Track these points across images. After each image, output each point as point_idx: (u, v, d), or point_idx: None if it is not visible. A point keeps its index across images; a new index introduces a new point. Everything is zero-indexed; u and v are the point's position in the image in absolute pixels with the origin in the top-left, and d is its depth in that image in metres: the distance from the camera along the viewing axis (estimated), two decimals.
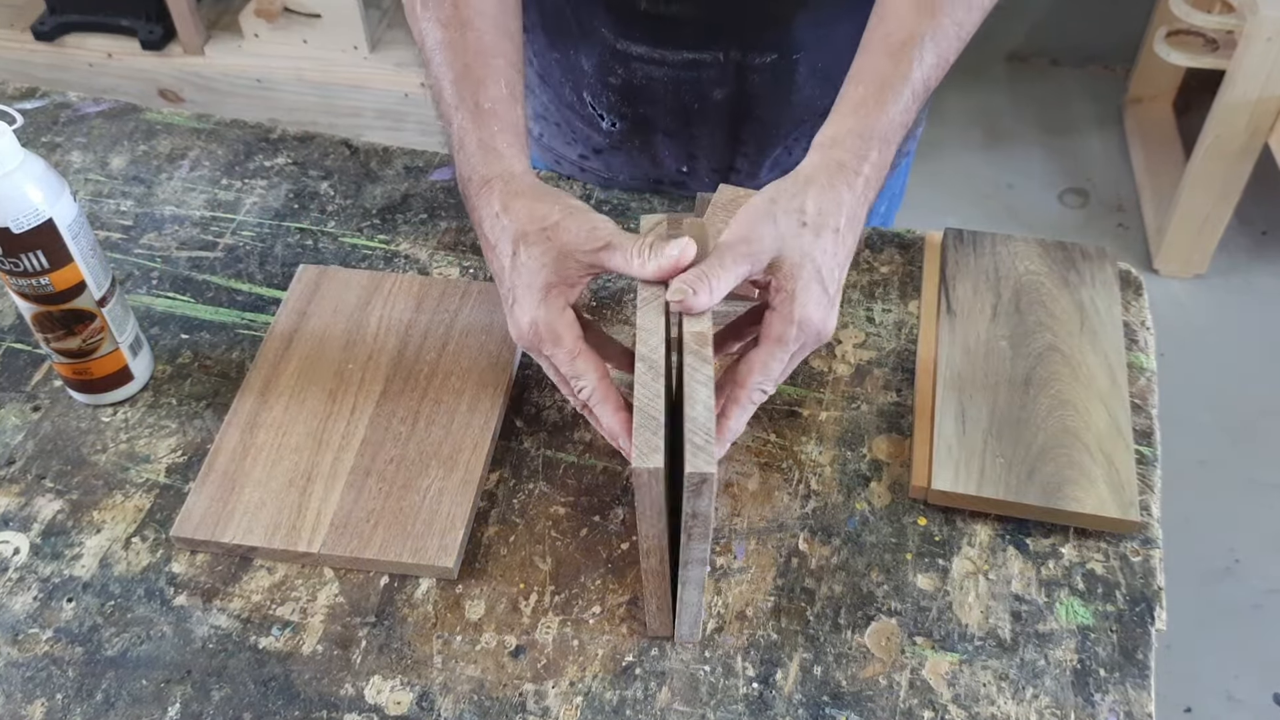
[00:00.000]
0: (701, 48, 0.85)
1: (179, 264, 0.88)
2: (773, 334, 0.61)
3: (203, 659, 0.65)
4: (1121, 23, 2.46)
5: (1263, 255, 2.18)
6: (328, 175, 0.96)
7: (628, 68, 0.88)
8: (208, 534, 0.69)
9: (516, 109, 0.70)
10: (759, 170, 0.96)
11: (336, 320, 0.81)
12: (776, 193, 0.63)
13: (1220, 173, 1.94)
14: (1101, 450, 0.72)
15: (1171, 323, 2.03)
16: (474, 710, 0.63)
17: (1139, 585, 0.69)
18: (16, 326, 0.84)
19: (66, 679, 0.65)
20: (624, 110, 0.92)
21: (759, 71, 0.87)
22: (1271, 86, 1.81)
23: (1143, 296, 0.86)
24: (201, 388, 0.79)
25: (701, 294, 0.59)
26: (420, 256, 0.88)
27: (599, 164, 0.99)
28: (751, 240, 0.61)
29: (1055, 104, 2.50)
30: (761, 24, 0.84)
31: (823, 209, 0.62)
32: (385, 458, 0.73)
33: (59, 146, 0.98)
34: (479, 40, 0.70)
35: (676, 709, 0.63)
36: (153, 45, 2.07)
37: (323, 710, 0.63)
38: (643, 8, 0.83)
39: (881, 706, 0.63)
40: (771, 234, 0.61)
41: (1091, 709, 0.63)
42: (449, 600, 0.68)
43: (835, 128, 0.67)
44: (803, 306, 0.61)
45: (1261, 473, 1.81)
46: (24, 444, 0.76)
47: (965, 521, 0.71)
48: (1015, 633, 0.66)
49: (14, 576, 0.69)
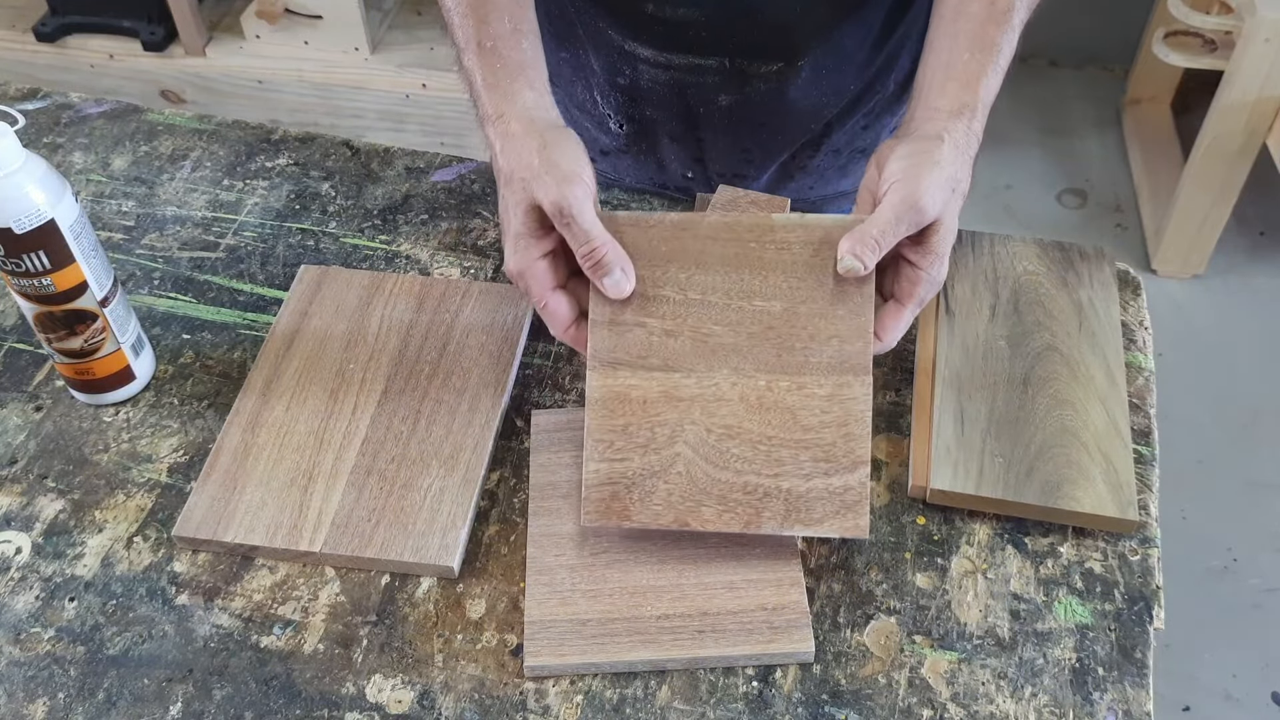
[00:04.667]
0: (706, 53, 0.86)
1: (181, 264, 0.88)
2: (917, 295, 0.66)
3: (204, 658, 0.66)
4: (1120, 24, 2.46)
5: (1261, 256, 2.18)
6: (329, 176, 0.96)
7: (635, 69, 0.88)
8: (209, 533, 0.69)
9: (521, 44, 0.72)
10: (765, 175, 0.96)
11: (338, 320, 0.82)
12: (931, 156, 0.65)
13: (1218, 173, 1.94)
14: (1100, 450, 0.72)
15: (1170, 323, 2.03)
16: (475, 709, 0.63)
17: (1137, 584, 0.69)
18: (18, 327, 0.84)
19: (68, 678, 0.65)
20: (631, 112, 0.93)
21: (764, 78, 0.87)
22: (1269, 87, 1.81)
23: (1141, 297, 0.86)
24: (203, 388, 0.80)
25: (871, 262, 0.65)
26: (421, 257, 0.89)
27: (606, 166, 0.99)
28: (920, 209, 0.64)
29: (1054, 105, 2.51)
30: (766, 30, 0.84)
31: (962, 176, 0.67)
32: (386, 457, 0.73)
33: (61, 147, 0.99)
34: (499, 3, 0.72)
35: (676, 708, 0.63)
36: (154, 46, 2.08)
37: (324, 709, 0.63)
38: (649, 11, 0.83)
39: (881, 705, 0.63)
40: (934, 200, 0.64)
41: (1090, 708, 0.63)
42: (450, 599, 0.68)
43: (955, 95, 0.69)
44: (944, 269, 0.66)
45: (1259, 472, 1.82)
46: (26, 444, 0.76)
47: (964, 521, 0.72)
48: (1014, 632, 0.67)
49: (16, 576, 0.69)
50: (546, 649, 0.64)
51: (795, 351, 0.67)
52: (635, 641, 0.64)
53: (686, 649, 0.64)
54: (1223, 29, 1.90)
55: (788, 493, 0.66)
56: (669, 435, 0.67)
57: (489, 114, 0.70)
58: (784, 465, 0.66)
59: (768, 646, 0.64)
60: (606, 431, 0.67)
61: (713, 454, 0.66)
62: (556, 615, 0.66)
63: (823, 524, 0.65)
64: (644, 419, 0.67)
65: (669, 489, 0.66)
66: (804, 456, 0.66)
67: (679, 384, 0.67)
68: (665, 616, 0.65)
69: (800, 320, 0.67)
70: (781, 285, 0.67)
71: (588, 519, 0.67)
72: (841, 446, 0.66)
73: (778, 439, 0.66)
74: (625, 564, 0.68)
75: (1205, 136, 1.92)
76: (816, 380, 0.66)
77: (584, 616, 0.66)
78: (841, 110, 0.92)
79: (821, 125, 0.93)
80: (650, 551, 0.68)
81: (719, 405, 0.67)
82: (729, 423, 0.67)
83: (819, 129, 0.93)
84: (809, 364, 0.67)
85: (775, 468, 0.66)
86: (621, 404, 0.67)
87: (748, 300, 0.67)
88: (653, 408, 0.67)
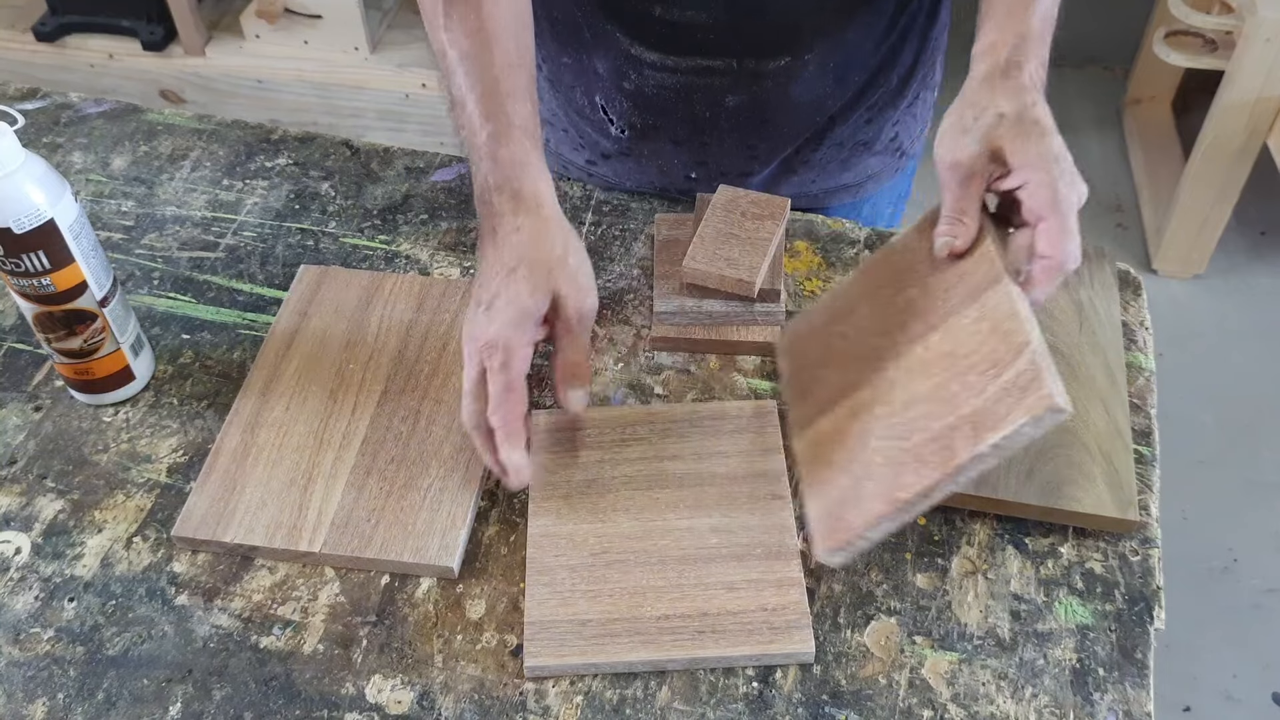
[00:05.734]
0: (714, 54, 0.86)
1: (180, 264, 0.88)
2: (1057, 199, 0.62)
3: (204, 658, 0.65)
4: (1120, 23, 2.46)
5: (1261, 255, 2.18)
6: (329, 176, 0.96)
7: (641, 74, 0.88)
8: (209, 534, 0.69)
9: (539, 127, 0.73)
10: (768, 171, 0.96)
11: (337, 320, 0.82)
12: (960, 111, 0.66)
13: (1219, 173, 1.94)
14: (1100, 450, 0.72)
15: (1170, 323, 2.03)
16: (474, 709, 0.63)
17: (1138, 584, 0.69)
18: (18, 327, 0.84)
19: (68, 678, 0.65)
20: (634, 118, 0.93)
21: (771, 75, 0.87)
22: (1270, 87, 1.81)
23: (1141, 296, 0.86)
24: (203, 388, 0.80)
25: (961, 234, 0.66)
26: (421, 257, 0.89)
27: (606, 170, 0.99)
28: (959, 163, 0.64)
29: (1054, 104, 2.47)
30: (773, 29, 0.84)
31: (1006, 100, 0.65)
32: (386, 457, 0.73)
33: (60, 147, 0.99)
34: (505, 55, 0.71)
35: (676, 708, 0.63)
36: (154, 46, 2.08)
37: (323, 709, 0.63)
38: (657, 14, 0.83)
39: (881, 705, 0.63)
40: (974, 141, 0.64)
41: (1090, 708, 0.63)
42: (450, 600, 0.68)
43: (989, 37, 0.69)
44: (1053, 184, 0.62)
45: (1260, 472, 1.82)
46: (25, 444, 0.76)
47: (964, 521, 0.72)
48: (1014, 632, 0.67)
49: (15, 576, 0.69)
50: (546, 649, 0.64)
51: (936, 308, 0.68)
52: (635, 642, 0.64)
53: (686, 649, 0.64)
54: (1223, 29, 1.90)
55: (972, 414, 0.63)
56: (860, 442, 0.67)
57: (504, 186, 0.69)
58: (958, 396, 0.64)
59: (767, 647, 0.64)
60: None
61: (901, 430, 0.65)
62: (556, 615, 0.66)
63: (1009, 419, 0.61)
64: (846, 440, 0.68)
65: (876, 486, 0.66)
66: (972, 376, 0.64)
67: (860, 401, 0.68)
68: (665, 617, 0.65)
69: (931, 289, 0.68)
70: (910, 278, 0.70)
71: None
72: (1002, 345, 0.63)
73: (947, 382, 0.65)
74: (625, 564, 0.68)
75: (1206, 136, 1.92)
76: (962, 314, 0.66)
77: (584, 617, 0.65)
78: (845, 104, 0.92)
79: (825, 119, 0.93)
80: (650, 552, 0.68)
81: (892, 391, 0.67)
82: (906, 397, 0.66)
83: (823, 123, 0.93)
84: (949, 307, 0.67)
85: (952, 404, 0.64)
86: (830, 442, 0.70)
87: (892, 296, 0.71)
88: (844, 433, 0.69)
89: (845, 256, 0.88)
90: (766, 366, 0.81)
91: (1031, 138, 0.64)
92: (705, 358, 0.81)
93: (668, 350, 0.82)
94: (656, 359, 0.81)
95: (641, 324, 0.83)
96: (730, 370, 0.80)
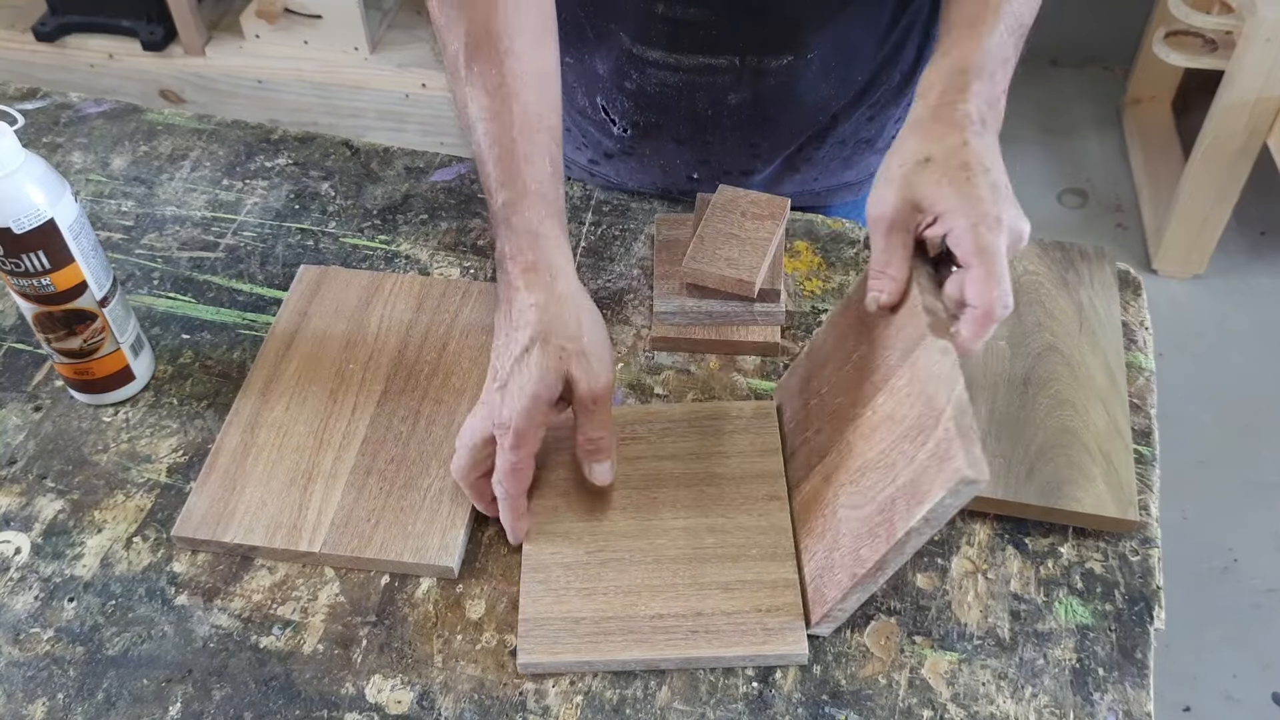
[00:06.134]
0: (717, 52, 0.86)
1: (180, 264, 0.88)
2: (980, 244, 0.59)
3: (204, 658, 0.65)
4: (1120, 23, 2.46)
5: (1261, 255, 2.18)
6: (329, 176, 0.96)
7: (643, 73, 0.88)
8: (209, 534, 0.69)
9: (559, 189, 0.71)
10: (772, 170, 0.96)
11: (337, 320, 0.82)
12: (888, 160, 0.65)
13: (1219, 173, 1.94)
14: (1100, 450, 0.72)
15: (1170, 323, 2.03)
16: (474, 709, 0.63)
17: (1138, 584, 0.69)
18: (18, 327, 0.84)
19: (68, 678, 0.65)
20: (636, 117, 0.93)
21: (773, 74, 0.87)
22: (1270, 87, 1.81)
23: (1141, 296, 0.86)
24: (202, 388, 0.80)
25: (887, 289, 0.64)
26: (421, 257, 0.89)
27: (608, 169, 0.99)
28: (882, 216, 0.63)
29: (1054, 105, 2.50)
30: (775, 26, 0.84)
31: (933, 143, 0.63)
32: (386, 457, 0.73)
33: (60, 147, 0.99)
34: (524, 112, 0.69)
35: (676, 708, 0.63)
36: (154, 46, 2.08)
37: (323, 709, 0.63)
38: (659, 12, 0.83)
39: (881, 705, 0.63)
40: (895, 191, 0.63)
41: (1090, 708, 0.63)
42: (449, 599, 0.68)
43: (929, 74, 0.68)
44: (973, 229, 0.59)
45: (1260, 472, 1.81)
46: (25, 444, 0.76)
47: (964, 521, 0.72)
48: (1014, 632, 0.67)
49: (15, 576, 0.69)
50: (540, 646, 0.64)
51: (879, 367, 0.66)
52: (629, 640, 0.64)
53: (680, 649, 0.64)
54: (1223, 29, 1.90)
55: (906, 484, 0.61)
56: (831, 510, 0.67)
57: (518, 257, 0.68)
58: (896, 464, 0.63)
59: (761, 648, 0.64)
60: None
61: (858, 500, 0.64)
62: (550, 613, 0.66)
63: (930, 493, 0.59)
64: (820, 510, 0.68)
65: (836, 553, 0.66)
66: (906, 444, 0.62)
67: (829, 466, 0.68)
68: (659, 616, 0.65)
69: (876, 345, 0.67)
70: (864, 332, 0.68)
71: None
72: (927, 411, 0.61)
73: (889, 449, 0.64)
74: (620, 563, 0.68)
75: (1206, 136, 1.92)
76: (897, 375, 0.64)
77: (578, 615, 0.65)
78: (848, 102, 0.92)
79: (828, 117, 0.93)
80: (645, 551, 0.68)
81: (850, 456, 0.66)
82: (859, 464, 0.65)
83: (825, 121, 0.93)
84: (889, 367, 0.65)
85: (891, 472, 0.63)
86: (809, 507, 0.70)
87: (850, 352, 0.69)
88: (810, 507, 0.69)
89: (845, 256, 0.88)
90: (766, 366, 0.81)
91: (955, 182, 0.61)
92: (705, 358, 0.81)
93: (668, 350, 0.82)
94: (656, 359, 0.81)
95: (641, 324, 0.83)
96: (730, 370, 0.80)
